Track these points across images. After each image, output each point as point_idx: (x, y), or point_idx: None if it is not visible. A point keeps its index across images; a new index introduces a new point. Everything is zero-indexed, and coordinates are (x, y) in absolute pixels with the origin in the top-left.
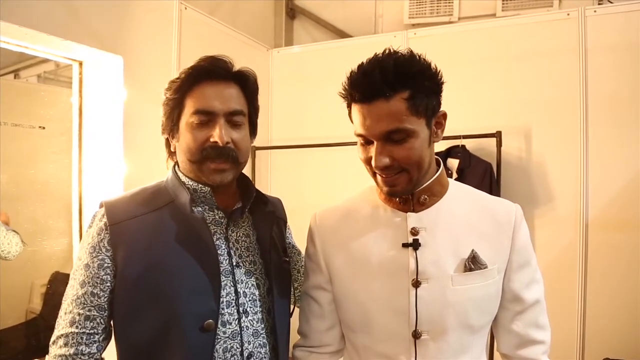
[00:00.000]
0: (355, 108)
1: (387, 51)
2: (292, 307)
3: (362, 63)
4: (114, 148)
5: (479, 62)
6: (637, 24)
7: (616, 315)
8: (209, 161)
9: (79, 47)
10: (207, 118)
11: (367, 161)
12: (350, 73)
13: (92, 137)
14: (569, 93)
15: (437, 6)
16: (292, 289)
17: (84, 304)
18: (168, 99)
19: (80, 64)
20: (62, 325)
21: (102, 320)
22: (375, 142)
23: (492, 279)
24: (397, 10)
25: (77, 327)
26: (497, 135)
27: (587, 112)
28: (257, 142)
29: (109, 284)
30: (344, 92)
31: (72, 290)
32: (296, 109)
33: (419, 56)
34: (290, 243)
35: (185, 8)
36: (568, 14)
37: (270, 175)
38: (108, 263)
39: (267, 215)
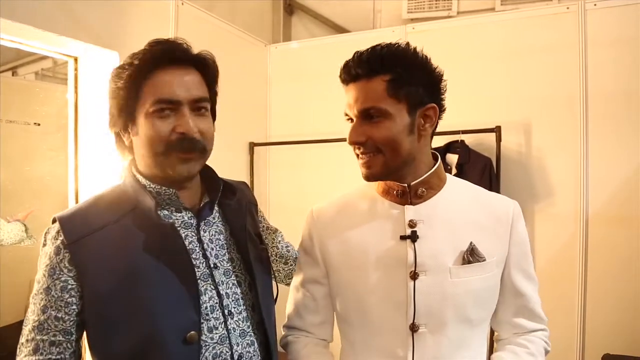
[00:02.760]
0: (345, 89)
1: (385, 42)
2: (275, 293)
3: (357, 52)
4: (109, 144)
5: (478, 57)
6: (637, 17)
7: (616, 310)
8: (175, 151)
9: (74, 42)
10: (169, 107)
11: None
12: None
13: (88, 134)
14: (569, 87)
15: (436, 0)
16: (272, 276)
17: (47, 329)
18: (119, 88)
19: (76, 59)
20: (24, 352)
21: (68, 344)
22: (354, 120)
23: (490, 272)
24: (395, 5)
25: (42, 353)
26: (497, 130)
27: (587, 106)
28: (255, 138)
29: (74, 307)
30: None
31: (33, 316)
32: (294, 105)
33: (414, 49)
34: (263, 226)
35: (182, 3)
36: (568, 8)
37: (269, 172)
38: (72, 284)
39: (237, 205)
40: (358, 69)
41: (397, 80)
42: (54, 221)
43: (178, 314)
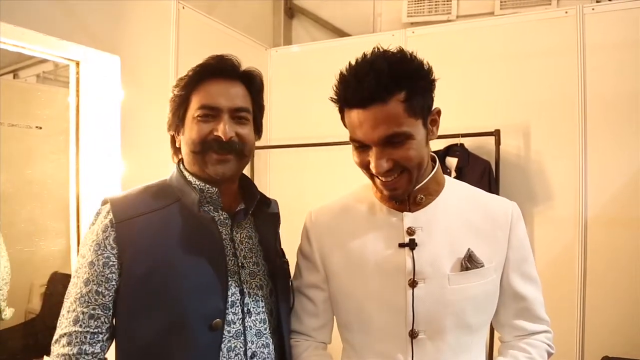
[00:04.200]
0: (350, 113)
1: (376, 50)
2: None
3: (352, 65)
4: (111, 148)
5: (477, 61)
6: (635, 21)
7: (615, 313)
8: (212, 152)
9: (76, 47)
10: (211, 113)
11: (364, 165)
12: (341, 77)
13: (89, 137)
14: (568, 91)
15: (436, 4)
16: (290, 288)
17: (88, 302)
18: (175, 95)
19: (77, 63)
20: (65, 323)
21: (106, 319)
22: (373, 147)
23: (489, 277)
24: (395, 8)
25: (81, 325)
26: (496, 133)
27: (586, 110)
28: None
29: (114, 283)
30: (335, 97)
31: (76, 289)
32: (295, 108)
33: (411, 54)
34: None
35: (183, 7)
36: (566, 12)
37: (269, 175)
38: (113, 261)
39: (269, 218)
40: (368, 95)
41: (411, 98)
42: (104, 202)
43: (206, 300)
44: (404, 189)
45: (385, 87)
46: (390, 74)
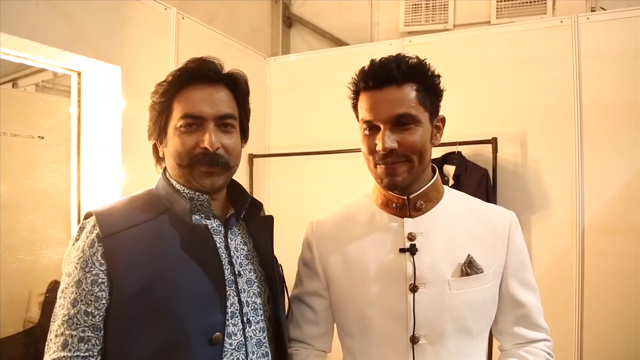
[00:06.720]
0: (364, 96)
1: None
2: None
3: (375, 59)
4: (112, 157)
5: (474, 69)
6: (630, 31)
7: (613, 320)
8: (199, 165)
9: (77, 57)
10: (195, 122)
11: (371, 150)
12: (362, 68)
13: (90, 147)
14: (564, 99)
15: (432, 14)
16: (285, 293)
17: (76, 324)
18: (154, 102)
19: (79, 74)
20: (53, 348)
21: (97, 341)
22: (382, 127)
23: (488, 283)
24: (392, 18)
25: (70, 350)
26: (493, 141)
27: (582, 118)
28: (254, 150)
29: (104, 302)
30: (354, 84)
31: (63, 310)
32: (293, 116)
33: (425, 61)
34: None
35: (183, 18)
36: (561, 21)
37: (268, 183)
38: (102, 278)
39: (262, 221)
40: (386, 76)
41: (422, 89)
42: (88, 216)
43: (205, 314)
44: (403, 177)
45: (403, 72)
46: (408, 65)
